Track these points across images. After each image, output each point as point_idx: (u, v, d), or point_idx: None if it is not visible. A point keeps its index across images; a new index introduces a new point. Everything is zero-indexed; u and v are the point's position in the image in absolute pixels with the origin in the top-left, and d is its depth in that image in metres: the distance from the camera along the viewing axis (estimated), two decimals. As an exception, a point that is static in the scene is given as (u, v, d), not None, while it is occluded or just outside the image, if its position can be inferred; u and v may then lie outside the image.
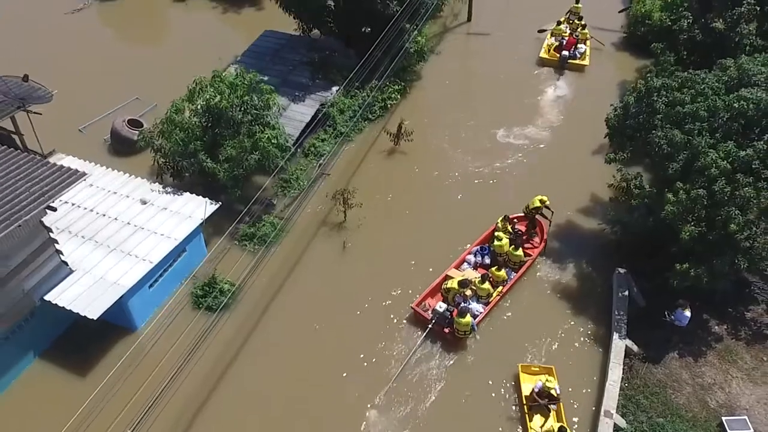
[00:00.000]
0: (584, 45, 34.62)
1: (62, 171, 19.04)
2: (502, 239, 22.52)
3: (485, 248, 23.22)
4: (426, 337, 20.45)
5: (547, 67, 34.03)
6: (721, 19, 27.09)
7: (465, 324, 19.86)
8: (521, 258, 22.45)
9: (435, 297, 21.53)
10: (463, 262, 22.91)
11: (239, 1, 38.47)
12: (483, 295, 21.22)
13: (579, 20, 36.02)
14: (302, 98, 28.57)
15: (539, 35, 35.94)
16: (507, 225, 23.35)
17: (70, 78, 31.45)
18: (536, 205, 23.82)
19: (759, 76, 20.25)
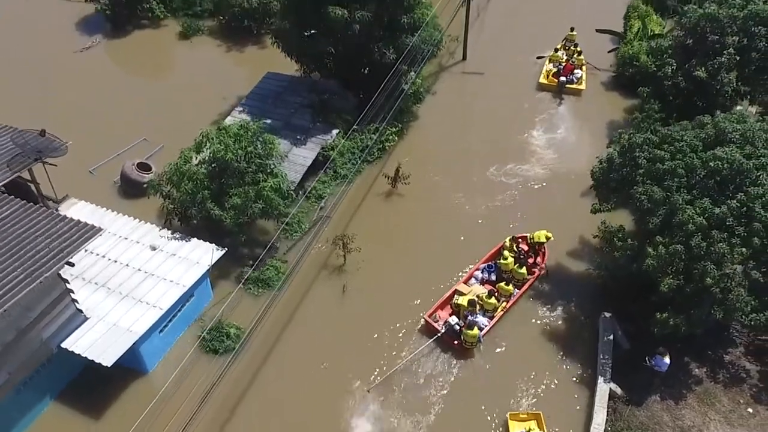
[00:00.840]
0: (580, 70, 36.63)
1: (79, 226, 20.22)
2: (508, 258, 24.78)
3: (492, 266, 25.43)
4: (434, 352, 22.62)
5: (546, 91, 36.06)
6: (703, 68, 28.43)
7: (473, 336, 22.29)
8: (525, 276, 24.65)
9: (445, 309, 23.87)
10: (471, 278, 24.99)
11: (242, 40, 39.75)
12: (489, 308, 23.47)
13: (575, 47, 38.05)
14: (304, 142, 29.85)
15: (537, 61, 38.08)
16: (514, 245, 25.58)
17: (79, 118, 32.83)
18: (541, 240, 25.68)
19: (734, 133, 21.54)
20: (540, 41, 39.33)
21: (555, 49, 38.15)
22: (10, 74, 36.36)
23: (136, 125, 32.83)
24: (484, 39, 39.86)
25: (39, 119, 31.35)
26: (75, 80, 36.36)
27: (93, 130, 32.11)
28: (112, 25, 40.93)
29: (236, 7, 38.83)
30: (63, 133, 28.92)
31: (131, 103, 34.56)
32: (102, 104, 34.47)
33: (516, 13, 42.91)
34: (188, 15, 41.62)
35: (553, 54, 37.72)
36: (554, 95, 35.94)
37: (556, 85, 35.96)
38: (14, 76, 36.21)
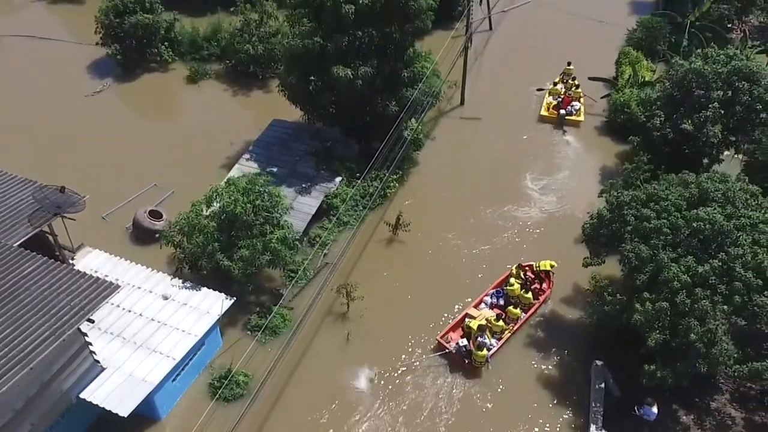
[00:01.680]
0: (578, 102, 38.89)
1: (98, 283, 21.36)
2: (514, 284, 27.03)
3: (500, 291, 27.60)
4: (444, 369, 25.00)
5: (547, 123, 38.40)
6: (689, 120, 29.81)
7: (481, 356, 24.47)
8: (530, 300, 26.84)
9: (456, 331, 26.12)
10: (481, 302, 27.12)
11: (248, 84, 41.20)
12: (497, 330, 25.61)
13: (573, 80, 40.33)
14: (308, 190, 31.12)
15: (537, 93, 40.47)
16: (520, 272, 27.88)
17: (91, 162, 34.24)
18: (546, 269, 28.02)
19: (716, 192, 22.84)
20: (539, 75, 41.52)
21: (554, 82, 40.67)
22: (23, 118, 37.71)
23: (147, 170, 34.09)
24: (481, 82, 41.44)
25: (52, 164, 33.34)
26: (87, 124, 37.70)
27: (105, 175, 33.45)
28: (122, 69, 42.38)
29: (242, 53, 40.30)
30: (75, 178, 30.88)
31: (141, 148, 35.87)
32: (113, 148, 35.80)
33: (512, 54, 44.51)
34: (195, 59, 43.12)
35: (552, 87, 40.14)
36: (555, 127, 38.08)
37: (556, 117, 38.21)
38: (28, 120, 37.53)
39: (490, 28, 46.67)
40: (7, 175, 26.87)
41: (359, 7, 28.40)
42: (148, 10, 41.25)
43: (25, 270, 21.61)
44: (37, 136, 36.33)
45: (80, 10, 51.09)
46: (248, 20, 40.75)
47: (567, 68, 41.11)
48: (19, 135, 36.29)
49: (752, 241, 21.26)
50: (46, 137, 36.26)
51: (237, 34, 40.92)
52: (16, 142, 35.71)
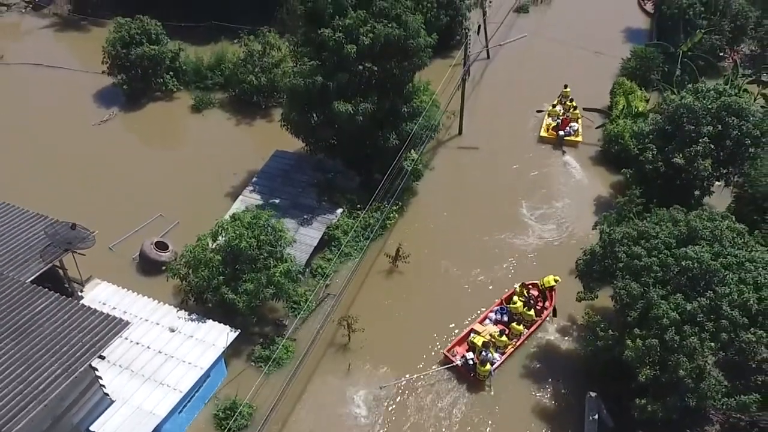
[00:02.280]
0: (576, 123, 40.61)
1: (109, 320, 22.16)
2: (517, 302, 28.39)
3: (504, 308, 28.90)
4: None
5: (547, 144, 40.10)
6: (680, 154, 30.71)
7: (485, 370, 26.02)
8: (533, 317, 28.21)
9: (462, 345, 27.53)
10: (486, 318, 28.52)
11: (251, 113, 42.16)
12: (501, 345, 27.15)
13: (570, 102, 42.04)
14: (310, 221, 31.95)
15: (537, 115, 42.07)
16: (524, 290, 29.23)
17: (98, 192, 35.22)
18: (551, 284, 29.27)
19: (704, 230, 23.69)
20: (536, 102, 42.94)
21: (552, 104, 42.33)
22: (32, 147, 38.71)
23: (153, 199, 34.94)
24: (479, 110, 42.31)
25: (60, 194, 34.40)
26: (94, 153, 38.64)
27: (112, 204, 34.38)
28: (128, 98, 43.38)
29: (245, 83, 41.28)
30: (83, 207, 32.25)
31: (147, 177, 36.79)
32: (120, 177, 36.70)
33: (510, 82, 45.53)
34: (200, 88, 44.13)
35: (551, 109, 41.79)
36: (554, 147, 39.81)
37: (556, 137, 39.88)
38: (37, 149, 38.51)
39: (487, 56, 47.71)
40: (19, 210, 27.75)
41: (360, 47, 29.37)
42: (153, 42, 42.30)
43: (38, 307, 22.43)
44: (46, 165, 37.23)
45: (86, 37, 52.43)
46: (251, 51, 41.74)
47: (564, 91, 42.68)
48: (28, 164, 37.28)
49: (738, 279, 22.05)
50: (55, 166, 37.16)
51: (240, 65, 41.93)
52: (25, 171, 36.71)
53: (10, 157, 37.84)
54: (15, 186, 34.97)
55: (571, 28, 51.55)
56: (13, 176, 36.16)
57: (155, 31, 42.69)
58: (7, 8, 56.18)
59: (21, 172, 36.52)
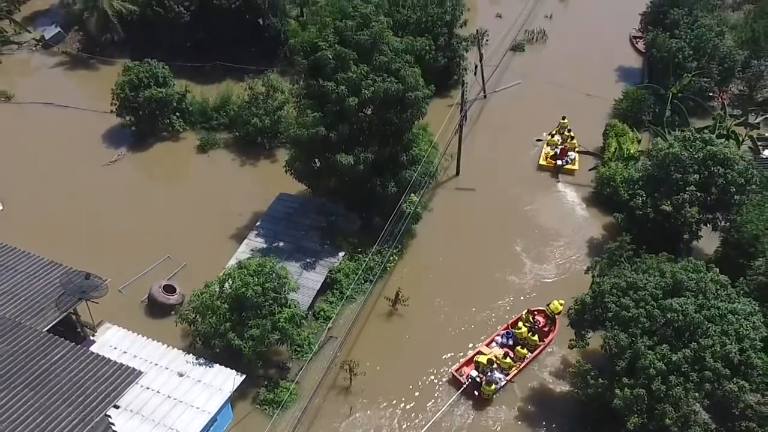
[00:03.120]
0: (573, 152, 43.07)
1: (123, 369, 23.33)
2: (522, 328, 30.50)
3: (510, 332, 30.95)
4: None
5: (544, 171, 42.54)
6: (668, 201, 32.01)
7: (490, 390, 28.06)
8: (536, 342, 30.27)
9: (469, 366, 29.62)
10: (492, 341, 30.63)
11: (255, 154, 43.49)
12: (505, 367, 29.08)
13: (568, 131, 44.45)
14: (313, 265, 33.14)
15: (537, 143, 44.68)
16: (530, 316, 31.22)
17: (107, 234, 36.38)
18: (559, 309, 31.12)
19: (689, 282, 24.90)
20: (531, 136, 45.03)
21: (551, 134, 44.73)
22: (43, 188, 39.90)
23: (160, 240, 36.09)
24: (476, 149, 43.72)
25: (71, 235, 35.73)
26: (103, 194, 39.85)
27: (121, 246, 35.55)
28: (135, 138, 44.72)
29: (250, 125, 42.67)
30: (93, 249, 33.68)
31: (155, 218, 37.96)
32: (128, 218, 37.88)
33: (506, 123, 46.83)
34: (205, 128, 45.51)
35: (549, 139, 44.24)
36: (550, 182, 41.86)
37: (554, 166, 42.26)
38: (47, 191, 39.71)
39: (484, 96, 49.18)
40: (35, 257, 28.98)
41: (362, 99, 30.77)
42: (161, 84, 43.72)
43: (54, 356, 23.63)
44: (58, 206, 38.46)
45: (95, 76, 53.86)
46: (256, 94, 43.16)
47: (562, 122, 45.10)
48: (40, 205, 38.53)
49: (721, 331, 23.21)
50: (66, 207, 38.40)
51: (245, 107, 43.32)
52: (37, 213, 37.91)
53: (23, 198, 39.08)
54: (27, 229, 36.32)
55: (565, 68, 53.01)
56: (26, 217, 37.46)
57: (162, 74, 44.09)
58: (18, 46, 57.61)
59: (33, 214, 37.73)
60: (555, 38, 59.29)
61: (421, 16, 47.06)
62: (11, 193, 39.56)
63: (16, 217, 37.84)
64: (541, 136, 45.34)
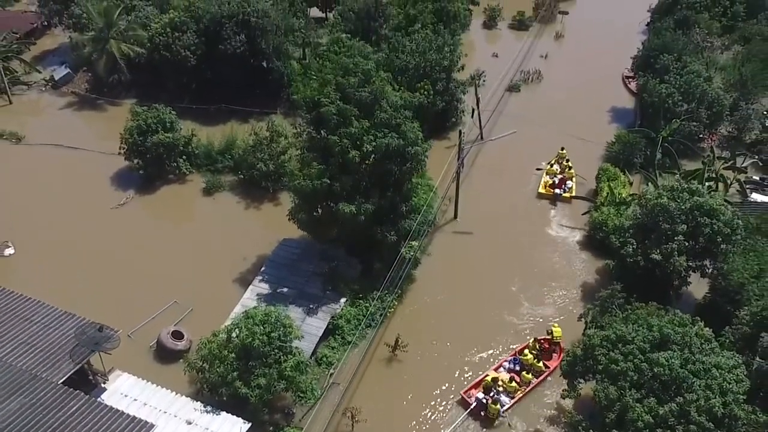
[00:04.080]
0: (571, 181, 45.92)
1: (136, 422, 24.50)
2: (527, 355, 32.90)
3: (516, 359, 33.20)
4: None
5: (544, 199, 45.36)
6: (658, 250, 33.33)
7: (495, 409, 30.22)
8: (541, 368, 32.55)
9: (477, 388, 31.60)
10: (501, 367, 32.85)
11: (259, 197, 44.89)
12: (510, 390, 31.49)
13: (566, 162, 47.34)
14: (315, 311, 34.37)
15: (536, 172, 47.76)
16: (536, 344, 33.53)
17: (116, 278, 37.62)
18: (559, 334, 33.70)
19: (675, 336, 26.15)
20: (526, 183, 46.66)
21: (550, 164, 47.58)
22: (54, 232, 41.22)
23: (168, 284, 37.34)
24: (473, 192, 44.99)
25: (80, 280, 37.05)
26: (111, 238, 41.21)
27: (129, 290, 36.86)
28: (143, 180, 46.12)
29: (254, 169, 44.11)
30: (103, 294, 35.16)
31: (162, 261, 39.25)
32: (136, 262, 39.17)
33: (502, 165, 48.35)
34: (211, 171, 46.97)
35: (549, 168, 47.10)
36: (550, 202, 45.03)
37: (552, 193, 45.22)
38: (58, 235, 41.00)
39: (481, 138, 50.71)
40: (49, 308, 30.22)
41: (363, 153, 32.22)
42: (168, 129, 45.22)
43: (70, 409, 24.84)
44: (68, 250, 39.76)
45: (103, 116, 55.56)
46: (260, 139, 44.64)
47: (560, 152, 48.22)
48: (49, 250, 39.80)
49: (705, 385, 24.38)
50: (77, 251, 39.74)
51: (250, 151, 44.78)
52: (48, 256, 39.23)
53: (35, 242, 40.43)
54: (38, 271, 37.76)
55: (560, 109, 54.80)
56: (37, 260, 38.83)
57: (169, 119, 45.62)
58: (28, 87, 59.34)
59: (44, 257, 39.07)
60: (550, 78, 61.10)
61: (420, 61, 48.82)
62: (23, 236, 40.92)
63: (28, 261, 39.21)
64: (540, 165, 48.28)
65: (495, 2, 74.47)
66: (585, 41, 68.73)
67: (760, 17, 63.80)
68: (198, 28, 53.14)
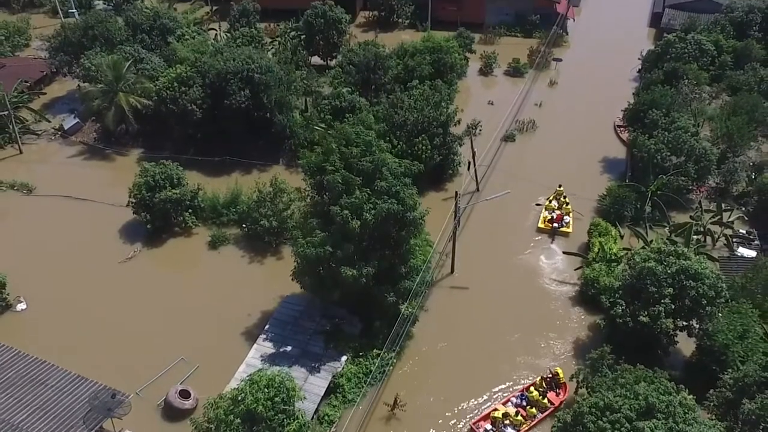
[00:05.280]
0: (568, 217, 49.18)
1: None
2: (533, 392, 35.65)
3: (524, 395, 35.75)
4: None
5: (543, 233, 48.59)
6: (646, 313, 34.82)
7: None
8: (546, 405, 35.24)
9: (486, 420, 34.44)
10: (509, 402, 35.33)
11: (263, 251, 46.37)
12: (517, 424, 34.25)
13: (564, 198, 50.76)
14: (317, 369, 35.75)
15: (536, 207, 51.08)
16: (543, 382, 36.14)
17: (125, 334, 39.08)
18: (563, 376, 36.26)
19: (660, 404, 27.52)
20: (521, 240, 47.86)
21: (548, 200, 50.97)
22: (63, 289, 42.66)
23: (174, 340, 38.76)
24: (470, 244, 46.36)
25: (90, 337, 38.80)
26: (120, 293, 42.66)
27: (138, 346, 38.33)
28: (150, 233, 47.62)
29: (258, 225, 45.68)
30: (112, 350, 36.96)
31: (169, 317, 40.68)
32: (144, 317, 40.62)
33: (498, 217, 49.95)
34: (216, 224, 48.54)
35: (547, 204, 50.61)
36: (549, 236, 48.32)
37: (551, 228, 48.41)
38: (68, 292, 42.46)
39: (477, 189, 52.44)
40: (63, 372, 31.68)
41: (364, 222, 33.82)
42: (175, 185, 46.88)
43: (84, 477, 26.03)
44: (77, 306, 41.24)
45: (111, 166, 57.29)
46: (263, 196, 46.27)
47: (558, 189, 51.93)
48: (60, 306, 41.28)
49: (689, 457, 25.78)
50: (85, 307, 41.19)
51: (254, 207, 46.38)
52: (58, 312, 40.69)
53: (46, 297, 41.87)
54: (49, 328, 39.16)
55: (553, 159, 56.60)
56: (48, 317, 40.26)
57: (177, 174, 47.31)
58: (38, 136, 61.12)
59: (55, 313, 40.52)
60: (544, 127, 62.86)
61: (418, 117, 50.69)
62: (35, 291, 42.35)
63: (40, 316, 40.67)
64: (539, 200, 51.74)
65: (491, 49, 76.79)
66: (578, 88, 70.73)
67: (746, 68, 65.86)
68: (204, 82, 55.07)
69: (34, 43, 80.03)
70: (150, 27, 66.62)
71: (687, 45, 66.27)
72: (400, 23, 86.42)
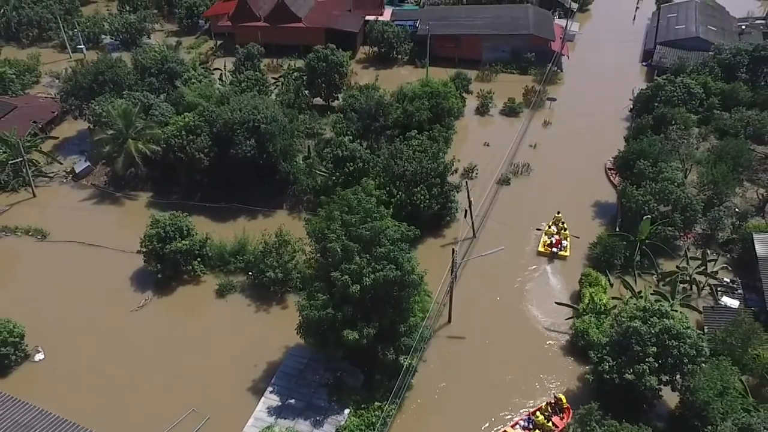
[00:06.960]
0: (566, 241, 53.67)
1: None
2: (539, 416, 39.10)
3: (530, 419, 39.33)
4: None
5: (543, 256, 52.87)
6: (631, 370, 37.00)
7: None
8: (551, 428, 38.84)
9: None
10: (517, 425, 38.94)
11: (268, 300, 48.52)
12: None
13: (562, 224, 55.20)
14: (321, 423, 37.97)
15: (536, 233, 55.14)
16: (548, 407, 39.67)
17: (136, 384, 41.13)
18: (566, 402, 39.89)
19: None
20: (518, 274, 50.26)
21: (548, 225, 55.15)
22: (79, 336, 44.88)
23: (185, 391, 41.00)
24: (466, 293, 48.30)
25: (103, 389, 40.93)
26: (132, 342, 44.91)
27: (149, 397, 40.59)
28: (160, 281, 49.74)
29: (264, 275, 47.86)
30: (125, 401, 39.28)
31: (178, 366, 42.88)
32: (154, 367, 42.85)
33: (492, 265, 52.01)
34: (223, 272, 50.73)
35: (547, 229, 54.82)
36: (548, 260, 52.46)
37: (550, 251, 52.86)
38: (82, 339, 44.65)
39: (474, 236, 54.69)
40: (74, 426, 33.63)
41: (364, 286, 36.02)
42: (185, 236, 49.07)
43: None
44: (90, 357, 43.53)
45: (121, 211, 59.50)
46: (269, 247, 48.47)
47: (557, 216, 55.89)
48: (73, 357, 43.51)
49: None
50: (98, 358, 43.48)
51: (260, 258, 48.57)
52: (72, 364, 42.89)
53: (59, 347, 44.09)
54: (64, 379, 41.23)
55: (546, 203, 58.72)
56: (62, 368, 42.38)
57: (186, 225, 49.52)
58: (50, 178, 63.37)
59: (69, 365, 42.72)
60: (538, 170, 64.87)
61: (416, 168, 52.96)
62: (51, 341, 44.59)
63: (55, 367, 42.85)
64: (540, 225, 55.92)
65: (488, 87, 79.13)
66: (571, 128, 72.66)
67: (733, 111, 68.18)
68: (211, 131, 57.31)
69: (43, 80, 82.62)
70: (158, 71, 68.91)
71: (676, 88, 68.51)
72: (399, 59, 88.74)
